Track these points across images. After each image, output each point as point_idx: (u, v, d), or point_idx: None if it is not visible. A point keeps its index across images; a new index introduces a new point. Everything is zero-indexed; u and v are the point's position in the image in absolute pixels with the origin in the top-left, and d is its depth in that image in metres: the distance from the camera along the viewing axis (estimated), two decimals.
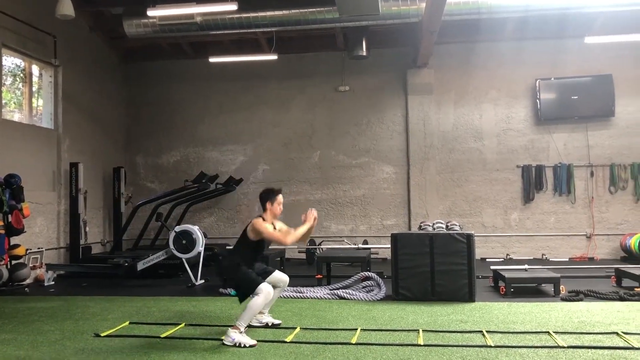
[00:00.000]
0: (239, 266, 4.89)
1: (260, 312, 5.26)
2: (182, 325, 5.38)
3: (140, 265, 8.10)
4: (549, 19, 10.00)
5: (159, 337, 4.88)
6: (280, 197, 5.19)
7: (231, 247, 5.32)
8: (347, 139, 11.41)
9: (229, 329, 4.69)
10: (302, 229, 5.01)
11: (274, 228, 5.09)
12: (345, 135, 11.41)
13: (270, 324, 5.30)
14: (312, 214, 5.05)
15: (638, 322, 5.21)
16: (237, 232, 11.53)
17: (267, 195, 5.17)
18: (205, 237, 8.36)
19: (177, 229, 8.12)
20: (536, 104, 10.69)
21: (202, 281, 8.11)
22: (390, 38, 11.04)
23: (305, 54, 11.50)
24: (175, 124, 11.95)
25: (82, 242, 9.97)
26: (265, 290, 4.75)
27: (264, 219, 5.04)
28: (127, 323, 5.49)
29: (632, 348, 4.32)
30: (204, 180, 9.99)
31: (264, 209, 5.15)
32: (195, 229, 8.07)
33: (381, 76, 11.32)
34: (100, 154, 11.17)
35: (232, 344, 4.57)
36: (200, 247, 8.01)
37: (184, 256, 8.00)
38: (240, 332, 4.63)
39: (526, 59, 10.85)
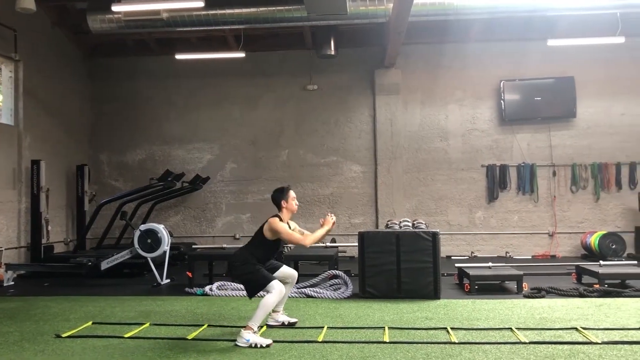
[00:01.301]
0: (249, 262, 4.80)
1: (275, 311, 5.15)
2: (147, 324, 5.30)
3: (104, 265, 7.95)
4: (515, 21, 10.20)
5: (123, 337, 4.81)
6: (292, 193, 5.12)
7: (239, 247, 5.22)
8: (315, 138, 11.42)
9: (242, 330, 4.58)
10: (321, 232, 4.96)
11: (289, 228, 5.00)
12: (313, 134, 11.42)
13: (287, 323, 5.19)
14: (331, 218, 5.01)
15: (596, 318, 5.35)
16: (205, 230, 11.51)
17: (280, 195, 5.08)
18: (170, 236, 8.26)
19: (142, 227, 8.00)
20: (500, 104, 10.89)
21: (168, 280, 8.01)
22: (358, 38, 11.09)
23: (273, 52, 11.47)
24: (140, 121, 11.77)
25: (43, 241, 9.73)
26: (277, 288, 4.67)
27: (280, 219, 4.95)
28: (89, 323, 5.39)
29: (590, 343, 4.44)
30: (169, 179, 9.87)
31: (280, 208, 5.05)
32: (161, 228, 7.96)
33: (349, 75, 11.36)
34: (63, 151, 10.92)
35: (246, 345, 4.47)
36: (165, 246, 7.90)
37: (149, 255, 7.89)
38: (254, 332, 4.55)
39: (492, 60, 11.04)
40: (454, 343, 4.52)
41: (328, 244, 9.96)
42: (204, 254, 9.19)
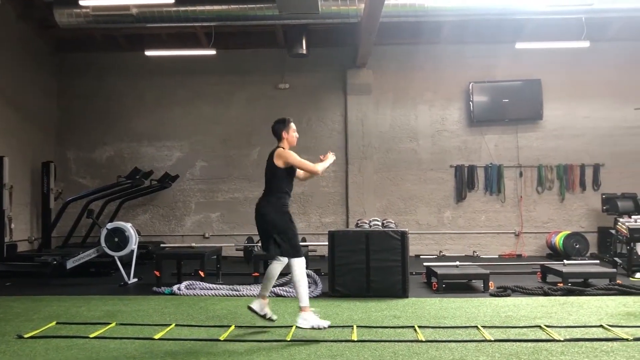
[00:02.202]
0: (280, 210, 4.81)
1: (264, 297, 5.00)
2: (113, 324, 5.23)
3: (70, 264, 7.81)
4: (485, 24, 10.34)
5: (88, 338, 4.72)
6: (293, 125, 5.09)
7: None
8: None
9: (301, 312, 4.66)
10: (328, 162, 5.07)
11: None
12: None
13: (268, 317, 5.06)
14: (331, 155, 5.17)
15: (560, 316, 5.48)
16: (173, 229, 11.39)
17: (281, 125, 5.03)
18: (138, 235, 8.16)
19: (109, 226, 7.88)
20: (469, 106, 11.04)
21: (135, 280, 7.91)
22: (331, 37, 11.11)
23: (245, 50, 11.41)
24: (109, 118, 11.58)
25: (6, 239, 9.50)
26: (302, 264, 4.75)
27: (283, 148, 4.93)
28: (53, 323, 5.28)
29: (553, 340, 4.54)
30: (137, 176, 9.74)
31: (280, 139, 5.01)
32: (128, 226, 7.86)
33: (321, 75, 11.38)
34: (28, 148, 10.67)
35: (311, 328, 4.59)
36: (133, 245, 7.80)
37: (116, 254, 7.77)
38: (314, 312, 4.64)
39: (462, 62, 11.18)
40: (421, 341, 4.57)
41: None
42: (172, 253, 9.10)
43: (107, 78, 11.59)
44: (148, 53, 10.49)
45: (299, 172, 5.18)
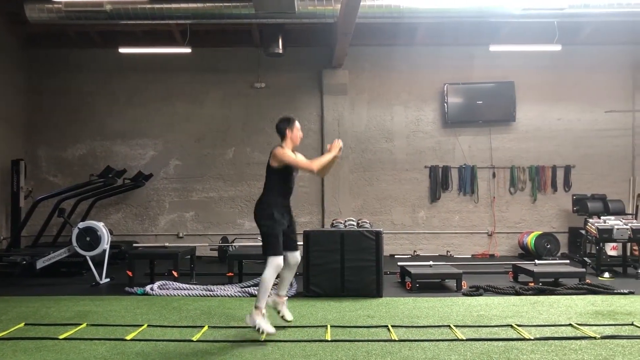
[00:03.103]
0: (265, 208, 4.77)
1: (280, 296, 5.02)
2: (84, 325, 5.15)
3: (40, 264, 7.67)
4: (460, 26, 10.45)
5: (57, 339, 4.65)
6: (298, 124, 5.06)
7: None
8: (262, 136, 11.35)
9: (253, 309, 4.60)
10: (327, 157, 4.93)
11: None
12: (260, 132, 11.35)
13: (282, 316, 5.04)
14: (338, 143, 4.99)
15: (531, 315, 5.57)
16: (147, 229, 11.27)
17: (286, 123, 5.02)
18: (111, 234, 8.06)
19: (81, 225, 7.76)
20: (444, 107, 11.14)
21: (107, 280, 7.81)
22: (307, 37, 11.11)
23: (221, 48, 11.33)
24: (81, 115, 11.39)
25: None
26: (275, 264, 4.66)
27: (282, 147, 4.90)
28: (22, 324, 5.18)
29: (524, 339, 4.62)
30: (110, 175, 9.60)
31: (283, 137, 4.99)
32: (100, 226, 7.75)
33: (297, 74, 11.36)
34: None
35: (252, 326, 4.51)
36: (105, 245, 7.70)
37: (87, 254, 7.66)
38: (262, 315, 4.55)
39: (437, 64, 11.26)
40: (394, 341, 4.60)
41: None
42: (145, 253, 8.98)
43: (80, 75, 11.39)
44: (122, 50, 10.35)
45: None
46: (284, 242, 4.89)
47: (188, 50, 10.22)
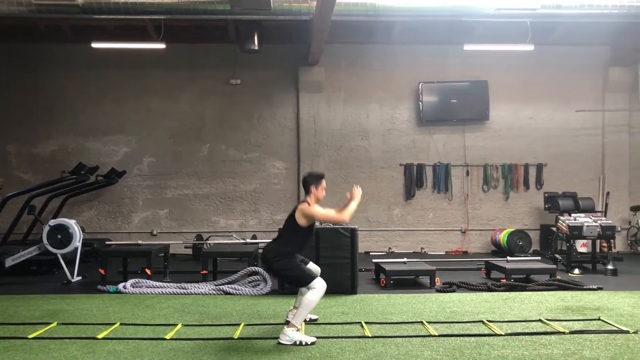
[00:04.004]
0: (286, 256, 4.74)
1: (295, 307, 4.98)
2: (54, 324, 5.07)
3: (9, 262, 7.52)
4: (435, 25, 10.51)
5: (27, 338, 4.57)
6: (324, 182, 5.08)
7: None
8: (238, 133, 11.31)
9: (285, 327, 4.52)
10: (354, 205, 4.97)
11: None
12: (236, 129, 11.30)
13: (308, 319, 5.07)
14: (358, 191, 5.06)
15: (502, 311, 5.65)
16: (120, 226, 11.12)
17: (313, 180, 5.04)
18: (83, 232, 7.94)
19: (52, 222, 7.63)
20: (419, 105, 11.22)
21: (79, 278, 7.69)
22: (283, 34, 11.07)
23: (196, 44, 11.23)
24: (53, 111, 11.19)
25: None
26: (320, 285, 4.64)
27: (308, 204, 4.88)
28: None
29: (495, 335, 4.69)
30: (82, 172, 9.44)
31: (308, 193, 5.00)
32: (72, 223, 7.63)
33: (273, 71, 11.33)
34: None
35: (291, 343, 4.40)
36: (77, 242, 7.58)
37: (59, 252, 7.54)
38: (298, 330, 4.50)
39: (412, 62, 11.33)
40: (368, 337, 4.63)
41: (248, 240, 9.92)
42: (118, 250, 8.88)
43: (52, 70, 11.19)
44: (95, 45, 10.18)
45: None
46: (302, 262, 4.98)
47: (162, 46, 10.11)
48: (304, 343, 4.42)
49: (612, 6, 8.54)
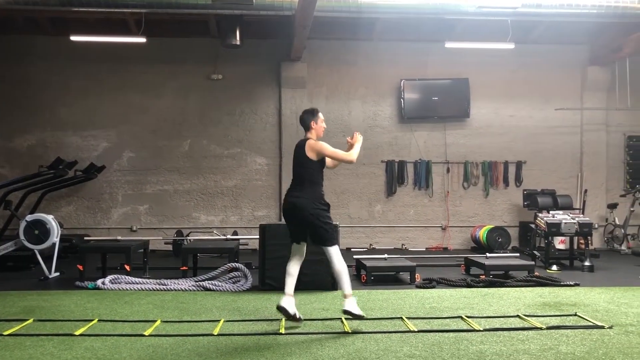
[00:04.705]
0: (326, 207, 4.83)
1: (289, 294, 4.84)
2: (30, 321, 5.00)
3: None
4: (417, 22, 10.52)
5: (2, 335, 4.50)
6: (321, 116, 5.03)
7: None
8: (219, 129, 11.24)
9: (346, 300, 4.76)
10: (358, 147, 5.05)
11: None
12: (217, 125, 11.23)
13: (298, 317, 4.88)
14: (358, 135, 5.16)
15: (481, 307, 5.70)
16: (99, 222, 11.00)
17: (310, 115, 4.99)
18: (61, 227, 7.84)
19: (29, 218, 7.53)
20: (400, 102, 11.26)
21: (57, 274, 7.60)
22: (265, 29, 11.01)
23: (177, 38, 11.12)
24: (30, 105, 11.00)
25: None
26: (337, 250, 4.83)
27: (314, 140, 4.87)
28: None
29: (473, 330, 4.73)
30: (61, 166, 9.30)
31: (308, 129, 4.95)
32: (50, 219, 7.53)
33: (255, 67, 11.27)
34: None
35: (359, 315, 4.77)
36: (55, 238, 7.49)
37: (36, 247, 7.44)
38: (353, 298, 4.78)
39: (394, 59, 11.36)
40: (348, 333, 4.65)
41: (229, 236, 9.87)
42: (97, 246, 8.76)
43: (29, 63, 11.00)
44: (74, 38, 10.04)
45: (329, 161, 5.16)
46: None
47: (143, 40, 10.00)
48: (361, 316, 4.78)
49: (591, 6, 8.66)
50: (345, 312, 4.81)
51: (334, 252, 4.78)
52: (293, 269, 4.94)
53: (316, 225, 4.83)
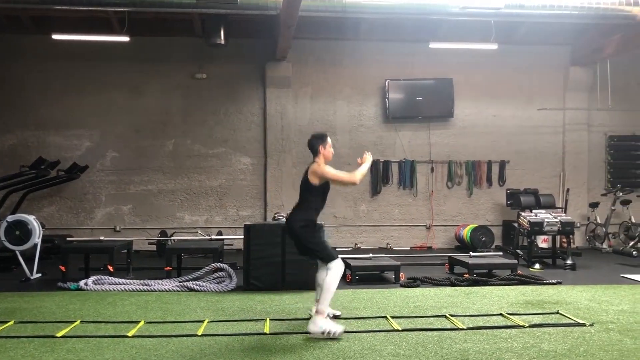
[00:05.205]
0: (308, 227, 4.74)
1: (316, 300, 4.75)
2: (11, 322, 4.95)
3: None
4: (401, 22, 10.59)
5: None
6: (330, 140, 4.99)
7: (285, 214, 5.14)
8: (204, 128, 11.19)
9: (315, 315, 4.44)
10: (365, 168, 4.94)
11: None
12: (202, 124, 11.18)
13: (331, 315, 4.87)
14: (368, 155, 5.06)
15: (464, 305, 5.74)
16: (82, 221, 10.89)
17: (319, 140, 4.96)
18: (43, 228, 7.75)
19: (10, 218, 7.43)
20: (385, 102, 11.29)
21: (39, 275, 7.51)
22: (250, 29, 10.98)
23: (161, 37, 11.04)
24: (12, 104, 10.86)
25: None
26: (338, 266, 4.59)
27: (318, 164, 4.84)
28: None
29: (457, 329, 4.77)
30: (43, 166, 9.20)
31: (316, 154, 4.93)
32: (31, 219, 7.44)
33: (240, 66, 11.23)
34: None
35: (320, 332, 4.35)
36: (37, 239, 7.40)
37: (17, 248, 7.35)
38: (327, 317, 4.45)
39: (379, 59, 11.38)
40: None
41: (213, 236, 9.83)
42: (80, 247, 8.70)
43: (10, 62, 10.86)
44: (56, 37, 9.92)
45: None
46: None
47: (126, 38, 9.91)
48: (332, 334, 4.38)
49: (573, 7, 8.75)
50: (310, 331, 4.48)
51: (331, 268, 4.62)
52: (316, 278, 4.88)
53: (304, 245, 4.88)
